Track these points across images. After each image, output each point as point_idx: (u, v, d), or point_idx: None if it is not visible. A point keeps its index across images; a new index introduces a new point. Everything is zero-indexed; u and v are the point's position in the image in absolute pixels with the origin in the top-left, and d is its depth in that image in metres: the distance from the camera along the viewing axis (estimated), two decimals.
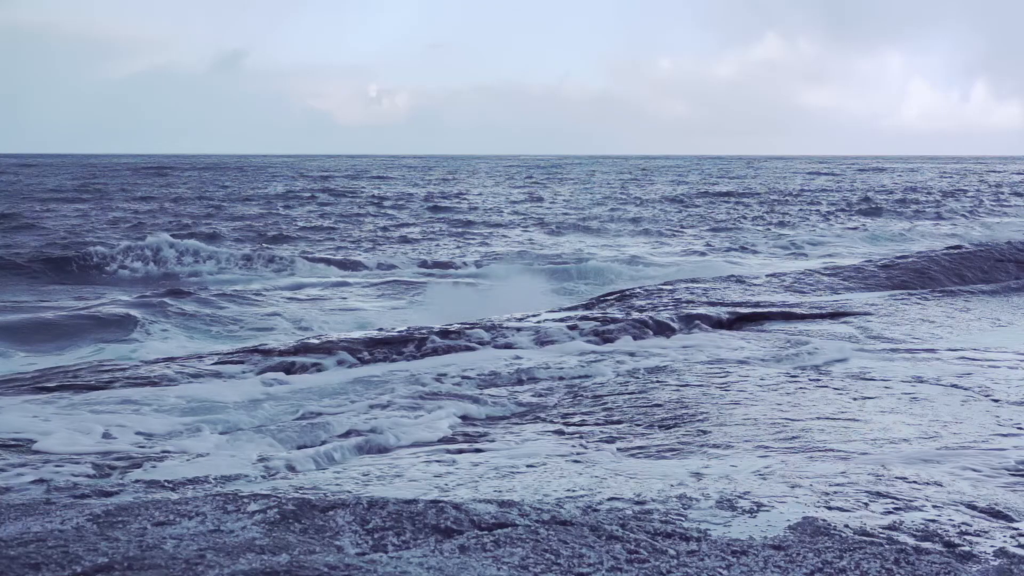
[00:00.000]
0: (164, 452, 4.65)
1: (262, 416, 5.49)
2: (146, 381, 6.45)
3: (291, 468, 4.41)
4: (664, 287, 10.61)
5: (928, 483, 3.93)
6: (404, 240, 23.11)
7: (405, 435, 5.06)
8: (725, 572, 2.95)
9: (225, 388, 6.24)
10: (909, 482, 3.93)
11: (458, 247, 22.07)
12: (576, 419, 5.38)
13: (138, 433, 5.05)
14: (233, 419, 5.39)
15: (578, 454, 4.50)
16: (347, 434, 5.04)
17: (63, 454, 4.58)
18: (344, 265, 18.76)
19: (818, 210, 31.68)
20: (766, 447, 4.60)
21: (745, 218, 28.77)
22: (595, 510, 3.48)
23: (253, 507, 3.37)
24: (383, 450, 4.83)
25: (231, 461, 4.53)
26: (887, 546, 3.15)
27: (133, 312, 12.26)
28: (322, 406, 5.74)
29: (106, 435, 4.96)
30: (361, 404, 5.82)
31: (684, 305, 9.35)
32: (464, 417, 5.52)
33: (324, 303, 13.30)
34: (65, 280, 17.23)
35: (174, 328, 11.78)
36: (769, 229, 25.26)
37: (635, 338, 7.96)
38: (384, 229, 25.68)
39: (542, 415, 5.52)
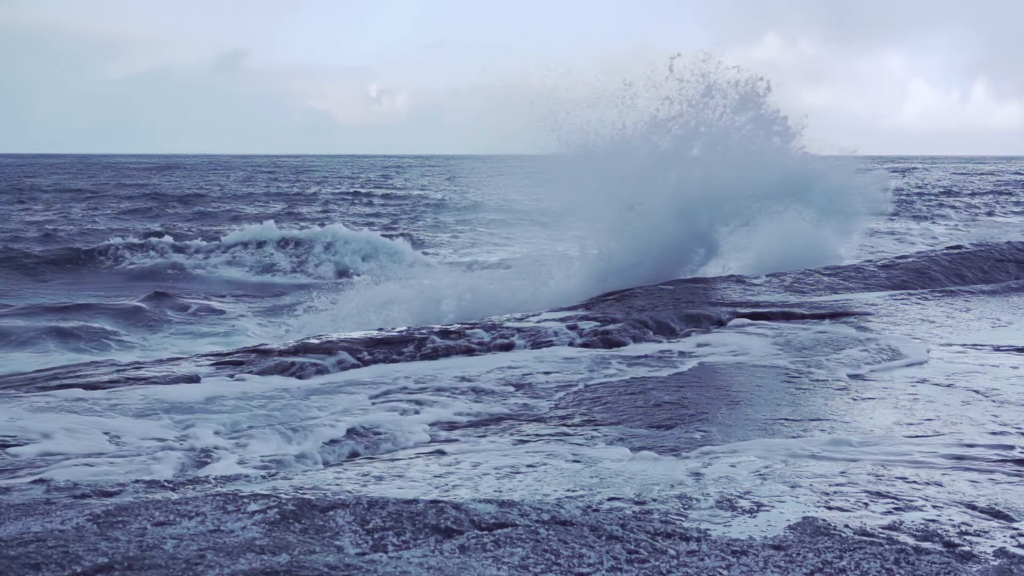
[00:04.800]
0: (163, 451, 4.65)
1: (261, 416, 5.49)
2: (145, 381, 6.45)
3: (291, 468, 4.41)
4: (665, 287, 10.60)
5: (928, 483, 3.93)
6: (425, 241, 23.00)
7: (405, 435, 5.07)
8: (725, 572, 2.95)
9: (224, 388, 6.24)
10: (909, 482, 3.93)
11: (490, 244, 21.92)
12: (576, 419, 5.38)
13: (135, 433, 5.05)
14: (232, 419, 5.39)
15: (578, 454, 4.50)
16: (347, 434, 5.04)
17: (62, 454, 4.58)
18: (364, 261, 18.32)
19: None
20: (766, 447, 4.60)
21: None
22: (595, 510, 3.48)
23: (253, 507, 3.37)
24: (383, 450, 4.84)
25: (231, 461, 4.53)
26: (887, 546, 3.15)
27: (133, 311, 12.27)
28: (322, 406, 5.74)
29: (104, 434, 4.97)
30: (361, 404, 5.82)
31: (684, 305, 9.35)
32: (464, 417, 5.52)
33: (333, 300, 13.09)
34: (68, 278, 17.24)
35: (175, 327, 11.79)
36: None
37: (635, 338, 7.96)
38: (392, 225, 25.67)
39: (542, 415, 5.52)
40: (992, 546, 3.20)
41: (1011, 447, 4.57)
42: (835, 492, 3.78)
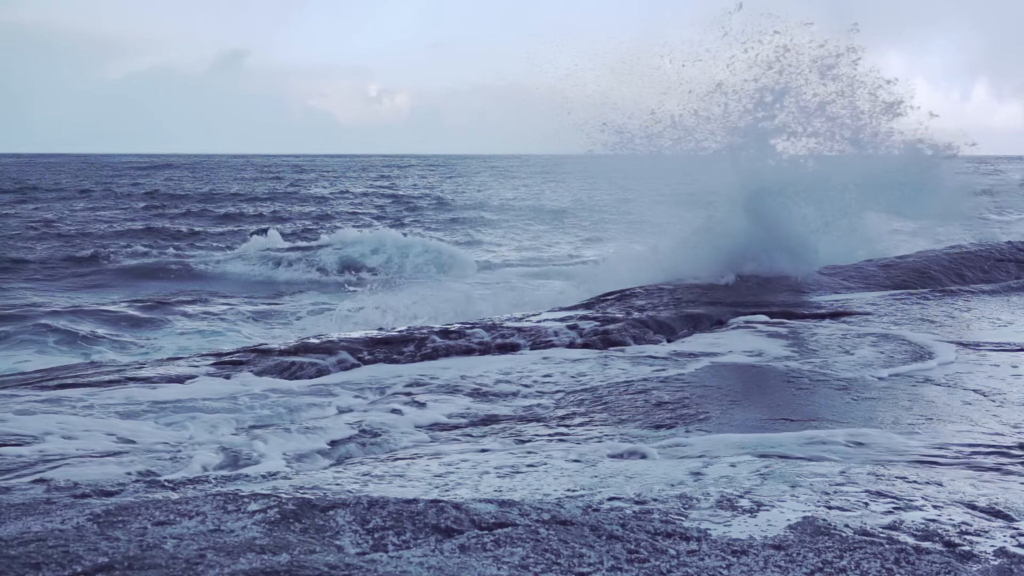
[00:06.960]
0: (162, 451, 4.65)
1: (261, 416, 5.50)
2: (144, 381, 6.45)
3: (291, 468, 4.41)
4: (664, 286, 10.60)
5: (928, 483, 3.93)
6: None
7: (405, 435, 5.07)
8: (725, 572, 2.95)
9: (224, 387, 6.24)
10: (909, 482, 3.93)
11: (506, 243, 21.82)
12: (576, 419, 5.38)
13: (135, 433, 5.05)
14: (232, 418, 5.39)
15: (578, 454, 4.50)
16: (348, 434, 5.04)
17: (62, 454, 4.58)
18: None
19: None
20: (767, 446, 4.59)
21: None
22: (595, 510, 3.48)
23: (253, 507, 3.37)
24: (383, 450, 4.84)
25: (230, 460, 4.53)
26: (887, 546, 3.15)
27: (133, 311, 12.27)
28: (322, 406, 5.75)
29: (104, 434, 4.97)
30: (361, 404, 5.82)
31: (684, 304, 9.35)
32: (464, 417, 5.52)
33: (340, 303, 12.94)
34: (69, 278, 17.23)
35: (176, 326, 11.79)
36: None
37: (635, 338, 7.95)
38: (393, 225, 25.63)
39: (542, 415, 5.53)
40: (992, 546, 3.20)
41: (1011, 447, 4.56)
42: (835, 492, 3.78)
